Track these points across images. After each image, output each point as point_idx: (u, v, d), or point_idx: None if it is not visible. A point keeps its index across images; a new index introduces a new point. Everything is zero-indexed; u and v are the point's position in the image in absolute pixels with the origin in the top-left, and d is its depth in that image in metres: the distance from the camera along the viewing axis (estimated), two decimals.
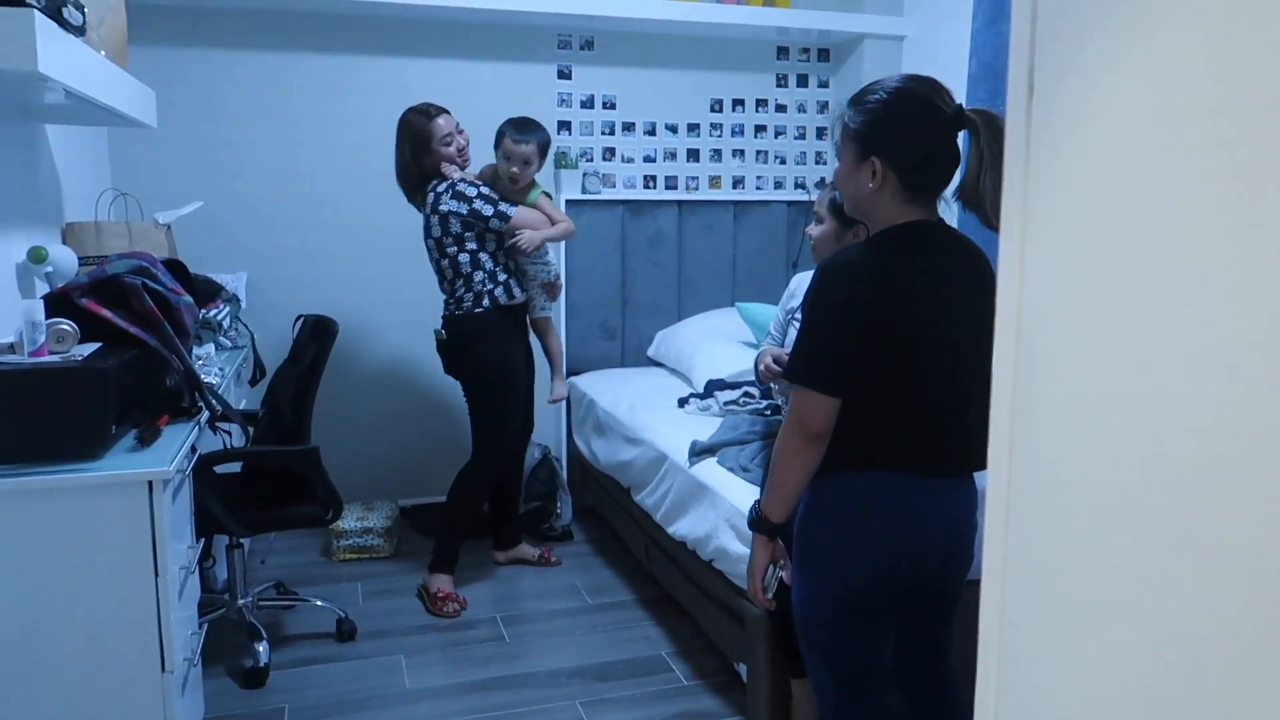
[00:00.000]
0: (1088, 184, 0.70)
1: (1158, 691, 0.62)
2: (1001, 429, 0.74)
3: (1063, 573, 0.70)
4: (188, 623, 2.18)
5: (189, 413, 2.27)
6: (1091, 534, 0.67)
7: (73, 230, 2.95)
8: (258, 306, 3.74)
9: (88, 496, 1.88)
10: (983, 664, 0.77)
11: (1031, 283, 0.74)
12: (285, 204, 3.85)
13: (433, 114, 3.13)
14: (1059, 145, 0.72)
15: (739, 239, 4.39)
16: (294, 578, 3.40)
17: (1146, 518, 0.62)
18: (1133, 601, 0.63)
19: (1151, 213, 0.63)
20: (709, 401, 3.42)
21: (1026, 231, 0.77)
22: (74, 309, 2.13)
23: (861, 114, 1.66)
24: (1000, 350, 0.75)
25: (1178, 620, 0.60)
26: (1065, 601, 0.69)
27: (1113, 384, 0.66)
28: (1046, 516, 0.71)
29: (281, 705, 2.59)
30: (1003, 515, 0.74)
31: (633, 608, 3.23)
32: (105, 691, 1.94)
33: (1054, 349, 0.71)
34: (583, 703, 2.61)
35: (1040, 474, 0.72)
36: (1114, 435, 0.65)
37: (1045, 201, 0.74)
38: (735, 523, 2.50)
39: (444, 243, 3.14)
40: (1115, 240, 0.66)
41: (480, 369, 3.20)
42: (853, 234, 2.39)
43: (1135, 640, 0.63)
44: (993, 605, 0.75)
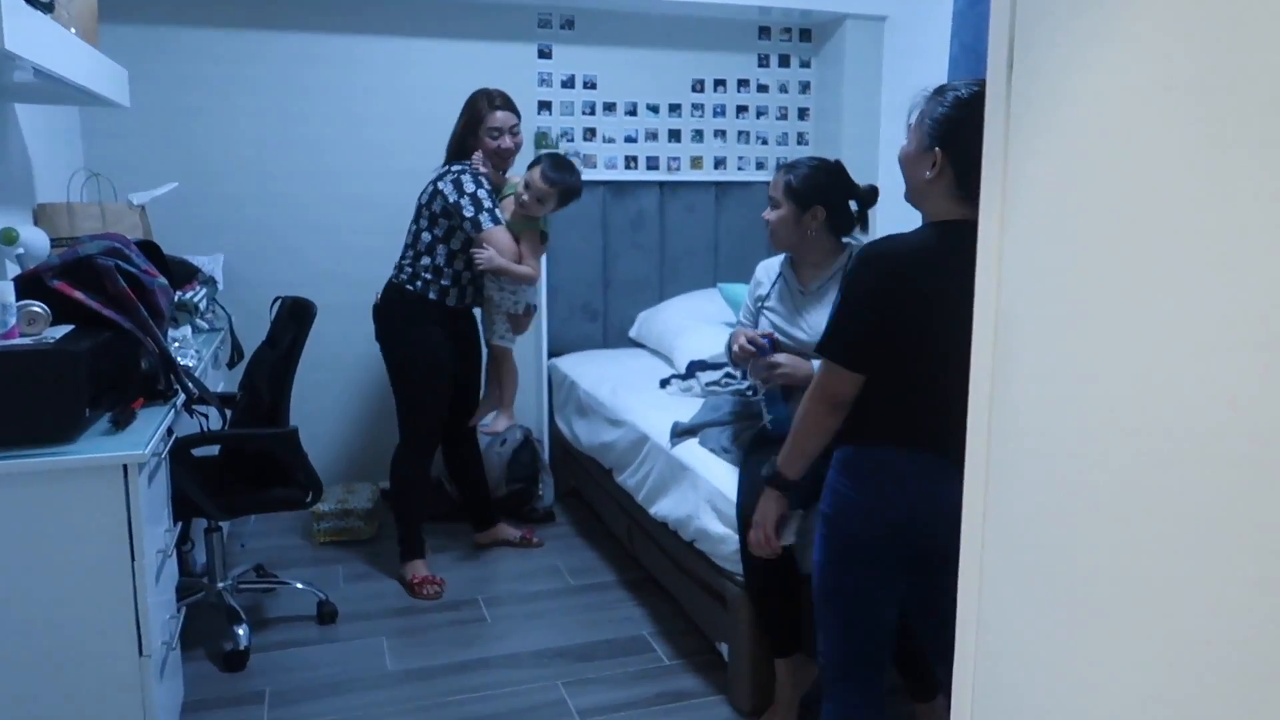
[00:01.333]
0: (1067, 160, 0.69)
1: (1131, 660, 0.62)
2: (980, 405, 0.74)
3: (1038, 545, 0.70)
4: (166, 606, 2.17)
5: (165, 396, 2.25)
6: (1066, 508, 0.67)
7: (44, 211, 2.90)
8: (235, 288, 3.70)
9: (62, 481, 1.86)
10: (961, 633, 0.77)
11: (1010, 260, 0.74)
12: (262, 184, 3.81)
13: (496, 104, 3.13)
14: (1038, 121, 0.71)
15: (721, 220, 4.38)
16: (274, 561, 3.39)
17: (1119, 491, 0.63)
18: (1104, 573, 0.64)
19: (1130, 188, 0.63)
20: (690, 382, 3.42)
21: (1005, 209, 0.77)
22: (46, 291, 2.10)
23: (940, 106, 1.75)
24: (979, 329, 0.75)
25: (1150, 593, 0.60)
26: (1040, 574, 0.69)
27: (1088, 361, 0.66)
28: (1022, 492, 0.71)
29: (263, 688, 2.58)
30: (980, 488, 0.74)
31: (615, 588, 3.24)
32: (83, 676, 1.93)
33: (1031, 327, 0.71)
34: (565, 683, 2.62)
35: (1017, 446, 0.72)
36: (1088, 411, 0.65)
37: (1024, 178, 0.73)
38: (717, 504, 2.51)
39: (422, 214, 3.15)
40: (1094, 217, 0.66)
41: (396, 350, 3.19)
42: (811, 215, 2.40)
43: (1108, 612, 0.64)
44: (971, 578, 0.75)
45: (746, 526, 2.32)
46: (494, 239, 3.04)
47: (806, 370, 2.41)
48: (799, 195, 2.40)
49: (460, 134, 3.17)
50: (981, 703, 0.75)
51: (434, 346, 3.15)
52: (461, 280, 3.17)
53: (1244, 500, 0.55)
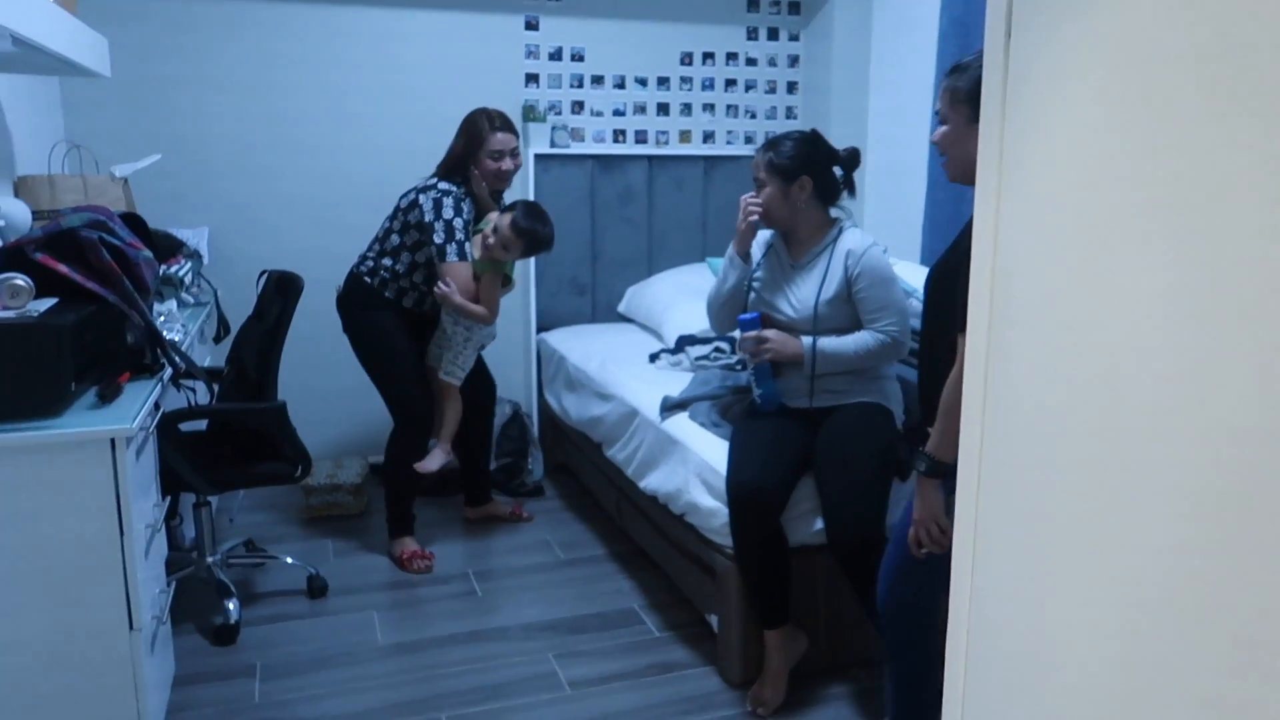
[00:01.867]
0: (1065, 131, 0.69)
1: (1118, 621, 0.63)
2: (976, 370, 0.74)
3: (1033, 511, 0.70)
4: (155, 581, 2.16)
5: (151, 370, 2.23)
6: (1060, 471, 0.67)
7: (25, 184, 2.86)
8: (220, 262, 3.67)
9: (49, 455, 1.85)
10: (955, 597, 0.77)
11: (1007, 230, 0.74)
12: (246, 156, 3.76)
13: (497, 125, 3.10)
14: (1036, 90, 0.71)
15: (709, 194, 4.36)
16: (263, 535, 3.39)
17: (1110, 452, 0.63)
18: (1096, 532, 0.64)
19: (1130, 157, 0.63)
20: (680, 357, 3.42)
21: (1003, 180, 0.76)
22: (28, 264, 2.07)
23: (973, 76, 1.72)
24: (976, 290, 0.75)
25: (1137, 551, 0.61)
26: (1033, 536, 0.70)
27: (1084, 324, 0.66)
28: (1017, 455, 0.71)
29: (254, 662, 2.58)
30: (975, 454, 0.75)
31: (604, 562, 3.25)
32: (73, 649, 1.92)
33: (1028, 293, 0.71)
34: (555, 655, 2.63)
35: (1012, 412, 0.72)
36: (1084, 374, 0.65)
37: (1022, 147, 0.73)
38: (706, 477, 2.52)
39: (397, 216, 3.13)
40: (1091, 186, 0.66)
41: (361, 337, 3.20)
42: (798, 187, 2.40)
43: (1100, 573, 0.64)
44: (965, 540, 0.75)
45: (736, 499, 2.33)
46: (453, 272, 3.03)
47: (795, 347, 2.41)
48: (783, 170, 2.41)
49: (459, 155, 3.12)
50: (975, 659, 0.76)
51: (392, 328, 3.16)
52: (419, 289, 3.17)
53: (1239, 466, 0.55)
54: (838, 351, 2.39)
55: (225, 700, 2.41)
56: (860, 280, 2.38)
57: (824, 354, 2.39)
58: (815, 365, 2.40)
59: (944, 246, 3.45)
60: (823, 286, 2.41)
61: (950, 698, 0.79)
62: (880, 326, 2.38)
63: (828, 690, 2.46)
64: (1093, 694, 0.66)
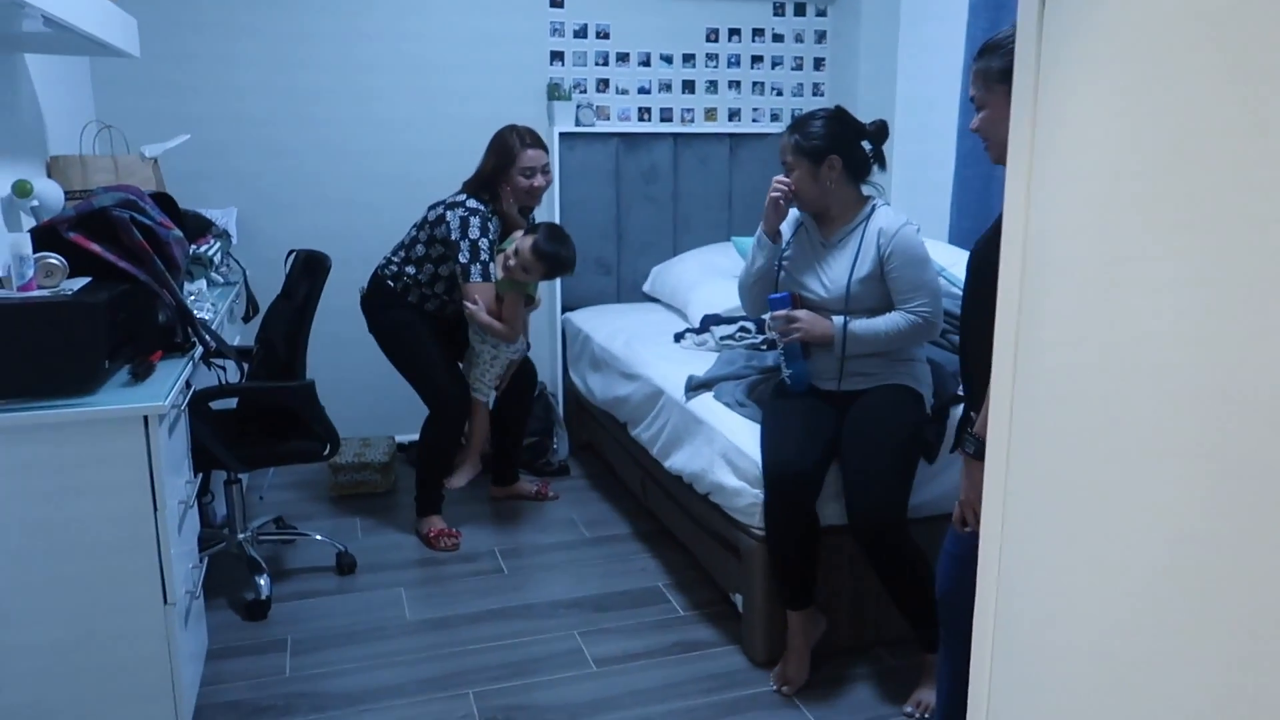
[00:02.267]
0: (1098, 104, 0.68)
1: (1149, 598, 0.62)
2: (1006, 349, 0.74)
3: (1062, 485, 0.69)
4: (188, 556, 2.20)
5: (182, 348, 2.26)
6: (1090, 448, 0.66)
7: (57, 164, 2.89)
8: (248, 242, 3.70)
9: (84, 432, 1.88)
10: (983, 570, 0.77)
11: (1038, 207, 0.73)
12: (274, 136, 3.78)
13: (528, 143, 3.10)
14: (1070, 64, 0.70)
15: (735, 173, 4.33)
16: (293, 513, 3.43)
17: (1141, 431, 0.62)
18: (1126, 509, 0.63)
19: (1161, 130, 0.62)
20: (705, 336, 3.42)
21: (1034, 153, 0.75)
22: (61, 243, 2.10)
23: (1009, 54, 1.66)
24: (1007, 269, 0.74)
25: (1168, 528, 0.60)
26: (1063, 512, 0.69)
27: (1118, 293, 0.65)
28: (1046, 432, 0.71)
29: (284, 636, 2.62)
30: (1005, 432, 0.74)
31: (629, 540, 3.26)
32: (109, 623, 1.96)
33: (1060, 261, 0.70)
34: (581, 632, 2.65)
35: (1042, 390, 0.71)
36: (1112, 355, 0.64)
37: (1055, 122, 0.72)
38: (731, 457, 2.52)
39: (424, 227, 3.14)
40: (1124, 159, 0.65)
41: (384, 332, 3.23)
42: (828, 166, 2.37)
43: (1128, 546, 0.63)
44: (993, 516, 0.75)
45: (775, 483, 2.32)
46: (476, 292, 3.05)
47: (825, 328, 2.39)
48: (810, 151, 2.38)
49: (489, 173, 3.12)
50: (1002, 633, 0.76)
51: (415, 321, 3.19)
52: (441, 298, 3.19)
53: (1273, 442, 0.55)
54: (869, 333, 2.36)
55: (257, 673, 2.45)
56: (893, 260, 2.35)
57: (854, 335, 2.36)
58: (845, 346, 2.38)
59: (972, 225, 3.43)
60: (855, 265, 2.38)
61: (977, 671, 0.78)
62: (912, 307, 2.35)
63: (851, 670, 2.47)
64: (1121, 670, 0.65)
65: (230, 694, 2.36)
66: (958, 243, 3.45)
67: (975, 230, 3.11)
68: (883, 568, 2.26)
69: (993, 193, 3.36)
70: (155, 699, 2.02)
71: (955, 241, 3.49)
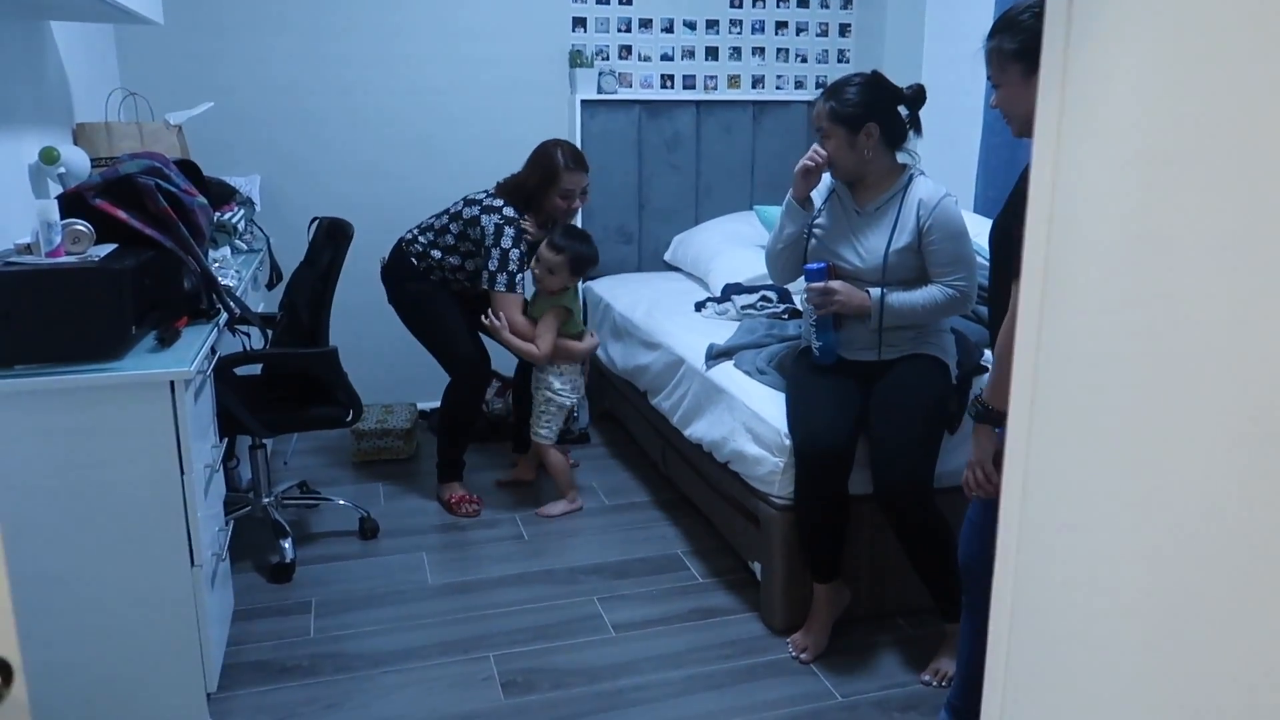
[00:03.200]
0: (1128, 70, 0.67)
1: (1173, 571, 0.62)
2: (1030, 318, 0.73)
3: (1085, 456, 0.69)
4: (214, 519, 2.23)
5: (207, 315, 2.28)
6: (1113, 418, 0.66)
7: (83, 131, 2.91)
8: (272, 210, 3.71)
9: (111, 396, 1.91)
10: (1003, 538, 0.77)
11: (1065, 174, 0.72)
12: (297, 103, 3.78)
13: (573, 167, 3.10)
14: (1101, 31, 0.68)
15: (758, 140, 4.30)
16: (316, 478, 3.47)
17: (1165, 402, 0.62)
18: (1148, 481, 0.63)
19: (1199, 92, 0.61)
20: (726, 305, 3.41)
21: (1063, 119, 0.74)
22: (88, 210, 2.12)
23: (1020, 33, 1.69)
24: (1032, 237, 0.73)
25: (1190, 499, 0.60)
26: (1084, 483, 0.69)
27: (1139, 274, 0.64)
28: (1070, 404, 0.70)
29: (309, 599, 2.67)
30: (1027, 402, 0.74)
31: (649, 508, 3.28)
32: (138, 585, 2.00)
33: (1085, 240, 0.70)
34: (600, 598, 2.68)
35: (1066, 361, 0.71)
36: (1137, 325, 0.64)
37: (1084, 89, 0.71)
38: (751, 425, 2.52)
39: (457, 218, 3.13)
40: (1153, 127, 0.64)
41: (404, 303, 3.24)
42: (865, 134, 2.32)
43: (1148, 516, 0.63)
44: (1014, 485, 0.75)
45: (806, 458, 2.31)
46: (501, 303, 3.05)
47: (860, 300, 2.35)
48: (847, 118, 2.32)
49: (530, 188, 3.10)
50: (1021, 600, 0.76)
51: (433, 291, 3.20)
52: (463, 283, 3.20)
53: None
54: (905, 305, 2.33)
55: (282, 634, 2.50)
56: (933, 233, 2.30)
57: (891, 308, 2.33)
58: (883, 319, 2.35)
59: (998, 194, 3.39)
60: (893, 236, 2.33)
61: (995, 638, 0.79)
62: (950, 281, 2.31)
63: (870, 639, 2.48)
64: (1144, 639, 0.65)
65: (256, 654, 2.40)
66: (983, 211, 3.42)
67: (1001, 199, 3.07)
68: (908, 538, 2.26)
69: (1019, 160, 3.31)
70: (183, 657, 2.06)
71: (980, 210, 3.46)
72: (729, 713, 2.18)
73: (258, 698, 2.23)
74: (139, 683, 2.04)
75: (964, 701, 1.94)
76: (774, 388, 2.58)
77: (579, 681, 2.30)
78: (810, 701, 2.23)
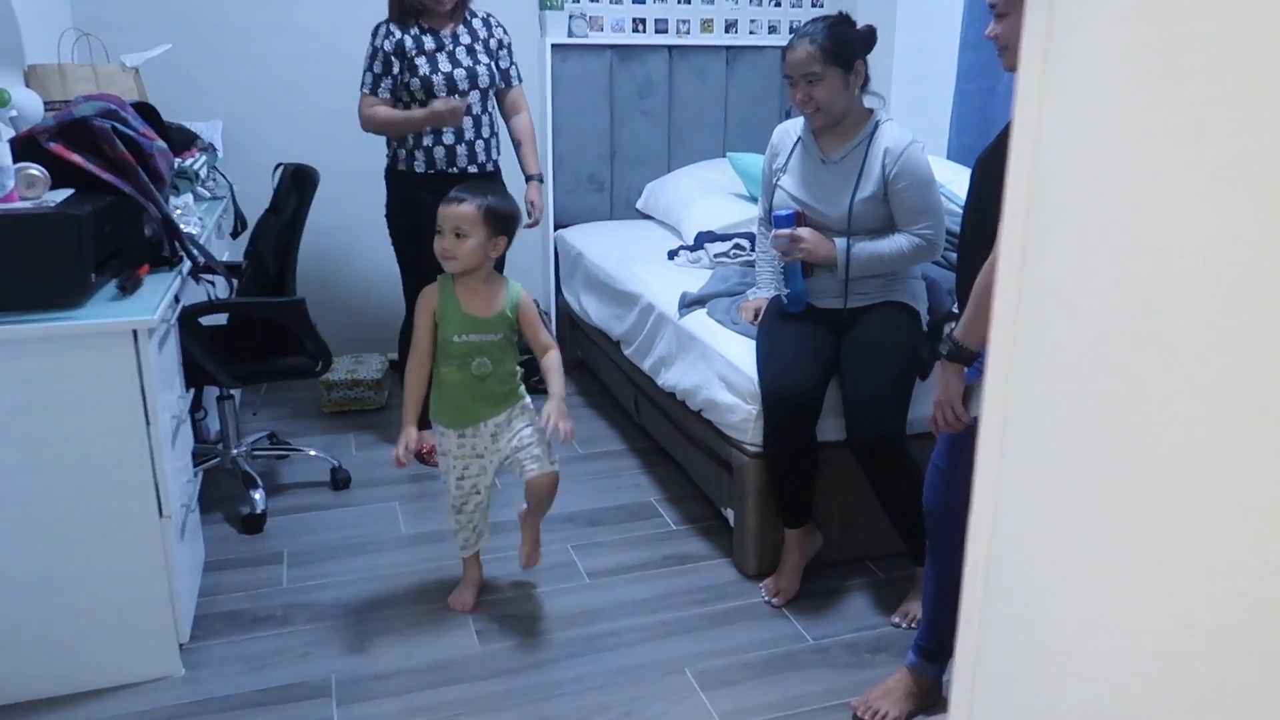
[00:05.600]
0: (1116, 18, 0.65)
1: (1158, 521, 0.62)
2: (1013, 251, 0.72)
3: (1063, 411, 0.69)
4: (183, 471, 2.21)
5: (170, 262, 2.23)
6: (1096, 370, 0.66)
7: (35, 73, 2.81)
8: (235, 156, 3.62)
9: (72, 345, 1.87)
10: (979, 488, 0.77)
11: (1049, 122, 0.71)
12: (259, 44, 3.67)
13: None
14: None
15: (731, 86, 4.24)
16: (286, 430, 3.44)
17: (1147, 354, 0.61)
18: (1135, 411, 0.63)
19: (1183, 48, 0.59)
20: (699, 254, 3.39)
21: (1047, 67, 0.72)
22: (42, 154, 2.05)
23: None
24: (1014, 185, 0.72)
25: (1169, 450, 0.60)
26: (1063, 436, 0.69)
27: (1123, 226, 0.63)
28: (1051, 358, 0.70)
29: (281, 549, 2.66)
30: (1006, 352, 0.73)
31: (622, 457, 3.29)
32: (106, 536, 1.98)
33: (1068, 191, 0.68)
34: (574, 546, 2.69)
35: (1049, 298, 0.70)
36: (1121, 277, 0.63)
37: (1070, 36, 0.69)
38: (724, 373, 2.52)
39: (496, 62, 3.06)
40: (1141, 75, 0.62)
41: (386, 214, 3.16)
42: (855, 74, 2.29)
43: (1126, 464, 0.63)
44: (991, 439, 0.75)
45: (774, 406, 2.31)
46: None
47: (827, 249, 2.34)
48: (840, 57, 2.26)
49: None
50: (998, 543, 0.76)
51: (402, 197, 3.08)
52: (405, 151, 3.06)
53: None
54: (872, 255, 2.32)
55: (254, 584, 2.49)
56: (899, 180, 2.29)
57: (857, 258, 2.32)
58: (849, 269, 2.34)
59: (972, 141, 3.37)
60: (858, 185, 2.31)
61: (970, 581, 0.79)
62: (917, 230, 2.31)
63: (841, 583, 2.51)
64: (1125, 580, 0.65)
65: (229, 604, 2.40)
66: (956, 159, 3.40)
67: (975, 146, 3.06)
68: (880, 484, 2.28)
69: (994, 108, 3.29)
70: (154, 608, 2.05)
71: (954, 158, 3.44)
72: (703, 656, 2.21)
73: (231, 647, 2.23)
74: (111, 633, 2.03)
75: (929, 642, 1.98)
76: (747, 335, 2.57)
77: (554, 628, 2.32)
78: (782, 645, 2.26)
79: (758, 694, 2.09)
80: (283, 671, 2.15)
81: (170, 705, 2.03)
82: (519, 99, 3.20)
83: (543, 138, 3.89)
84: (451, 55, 2.98)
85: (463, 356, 2.21)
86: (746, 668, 2.18)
